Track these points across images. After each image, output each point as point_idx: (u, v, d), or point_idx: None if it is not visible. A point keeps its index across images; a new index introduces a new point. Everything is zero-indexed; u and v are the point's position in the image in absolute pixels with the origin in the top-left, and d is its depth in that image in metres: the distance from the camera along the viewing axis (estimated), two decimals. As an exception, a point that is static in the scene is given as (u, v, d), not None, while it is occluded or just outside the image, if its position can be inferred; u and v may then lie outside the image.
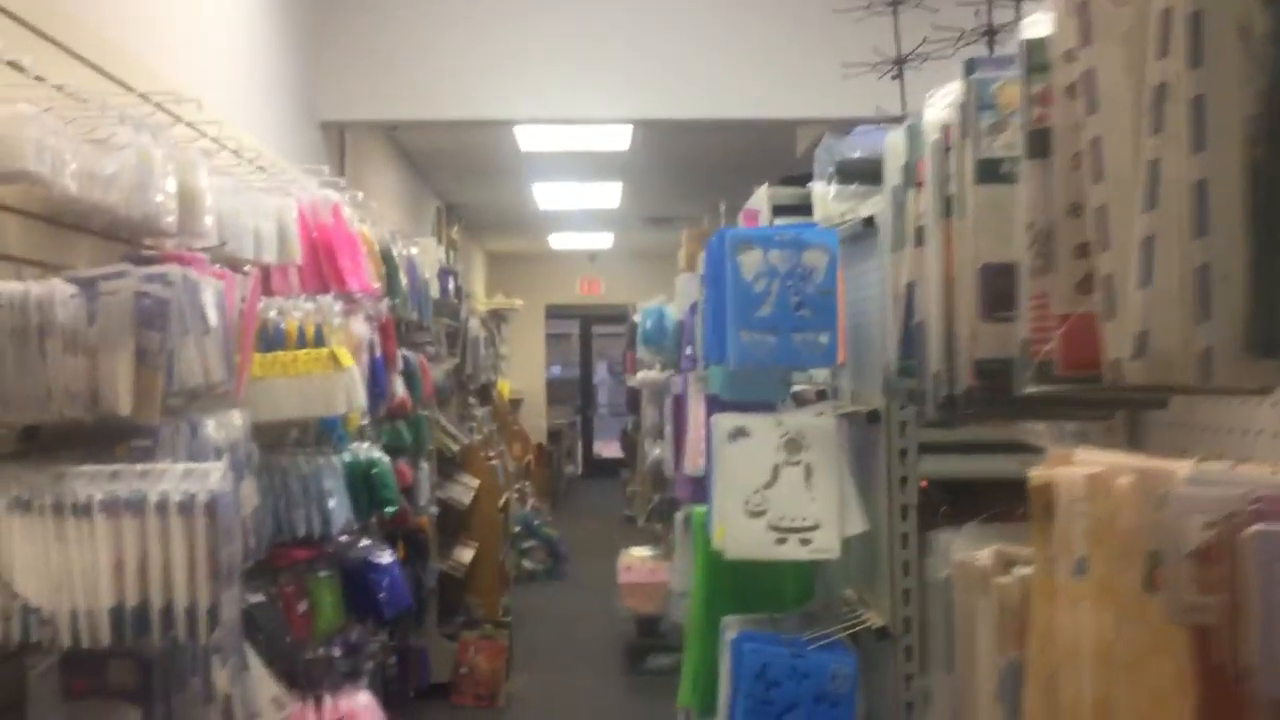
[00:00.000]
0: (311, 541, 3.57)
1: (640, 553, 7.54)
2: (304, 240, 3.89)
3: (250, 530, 2.60)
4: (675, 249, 13.37)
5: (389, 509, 3.87)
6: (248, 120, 3.99)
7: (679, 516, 5.09)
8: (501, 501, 8.24)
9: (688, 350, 4.75)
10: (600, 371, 19.19)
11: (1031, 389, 0.91)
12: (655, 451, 7.25)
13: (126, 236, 2.85)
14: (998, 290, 1.02)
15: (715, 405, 3.57)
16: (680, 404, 5.33)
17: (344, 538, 3.81)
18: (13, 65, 2.19)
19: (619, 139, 7.17)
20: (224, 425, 2.55)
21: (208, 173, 2.98)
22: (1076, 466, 0.92)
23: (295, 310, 3.51)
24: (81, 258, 2.60)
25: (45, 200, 2.32)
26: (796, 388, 3.28)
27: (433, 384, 6.45)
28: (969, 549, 1.15)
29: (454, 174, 8.56)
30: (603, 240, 13.39)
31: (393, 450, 5.71)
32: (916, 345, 1.27)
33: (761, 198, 4.85)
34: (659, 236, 12.51)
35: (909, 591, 2.59)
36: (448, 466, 7.26)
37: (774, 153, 6.46)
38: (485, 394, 10.67)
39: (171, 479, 2.10)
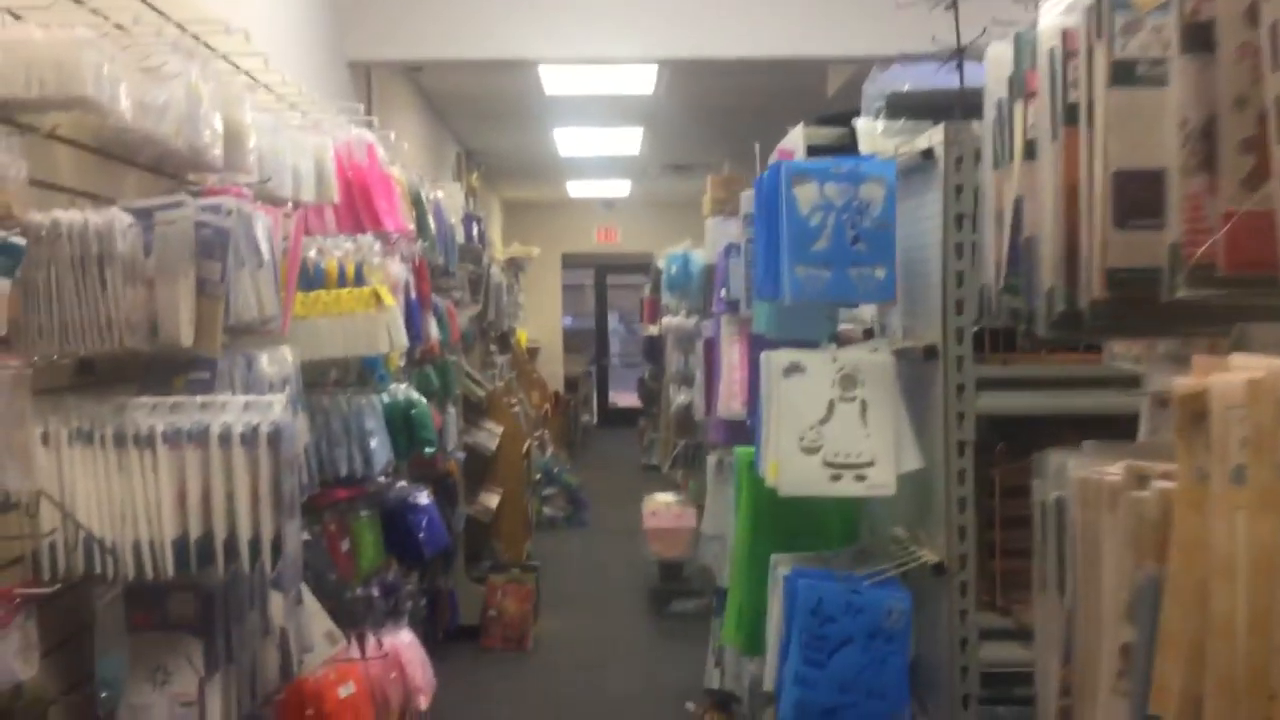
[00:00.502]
0: (353, 481, 3.57)
1: (665, 498, 7.55)
2: (340, 180, 3.85)
3: (305, 464, 2.59)
4: (695, 196, 13.28)
5: (428, 449, 3.86)
6: (280, 57, 3.92)
7: (711, 460, 5.08)
8: (525, 448, 8.25)
9: (721, 293, 4.71)
10: (613, 321, 19.14)
11: (1184, 293, 0.88)
12: (680, 398, 7.24)
13: (172, 170, 2.82)
14: (1134, 197, 0.99)
15: (760, 344, 3.54)
16: (712, 348, 5.30)
17: (383, 478, 3.81)
18: (63, -11, 2.15)
19: (644, 82, 7.08)
20: (276, 360, 2.53)
21: (250, 108, 2.94)
22: (1231, 373, 0.89)
23: (335, 249, 3.48)
24: (129, 191, 2.57)
25: (97, 130, 2.29)
26: (842, 325, 3.25)
27: (459, 329, 6.43)
28: (1089, 468, 1.13)
29: (475, 118, 8.48)
30: (620, 188, 13.29)
31: (421, 394, 5.72)
32: (1024, 262, 1.24)
33: (796, 138, 4.78)
34: (678, 184, 12.42)
35: (964, 528, 2.57)
36: (472, 412, 7.26)
37: (803, 94, 6.36)
38: (505, 342, 10.66)
39: (233, 410, 2.08)
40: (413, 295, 4.15)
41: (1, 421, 1.75)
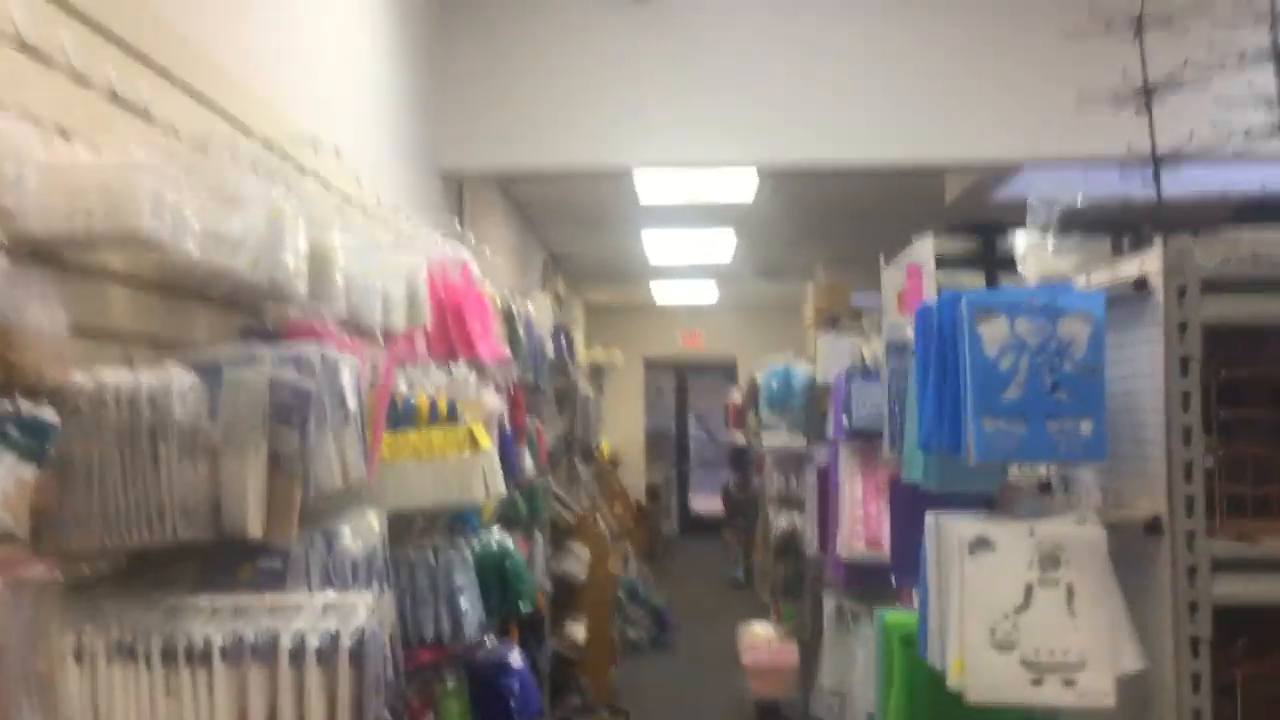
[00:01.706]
0: (439, 642, 3.14)
1: (763, 631, 7.00)
2: (432, 301, 3.51)
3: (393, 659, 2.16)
4: (783, 300, 12.93)
5: (524, 605, 3.42)
6: (368, 167, 3.62)
7: (829, 605, 4.57)
8: (612, 569, 7.78)
9: (843, 420, 4.26)
10: (691, 424, 18.68)
11: None
12: (782, 522, 6.74)
13: (248, 304, 2.47)
14: None
15: (913, 496, 3.07)
16: (827, 478, 4.83)
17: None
18: (120, 101, 1.82)
19: (743, 190, 6.74)
20: (361, 532, 2.12)
21: (338, 230, 2.60)
22: None
23: (426, 382, 3.11)
24: (199, 332, 2.22)
25: (159, 265, 1.94)
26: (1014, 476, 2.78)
27: (546, 449, 6.04)
28: None
29: (565, 224, 8.22)
30: (706, 291, 12.96)
31: (508, 523, 5.31)
32: None
33: (925, 250, 4.36)
34: (766, 288, 12.06)
35: (1202, 748, 2.05)
36: (559, 536, 6.82)
37: (915, 199, 5.97)
38: (587, 453, 10.26)
39: (309, 615, 1.67)
40: (507, 427, 3.76)
41: (16, 647, 1.36)
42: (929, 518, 2.41)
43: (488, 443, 2.97)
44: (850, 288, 6.82)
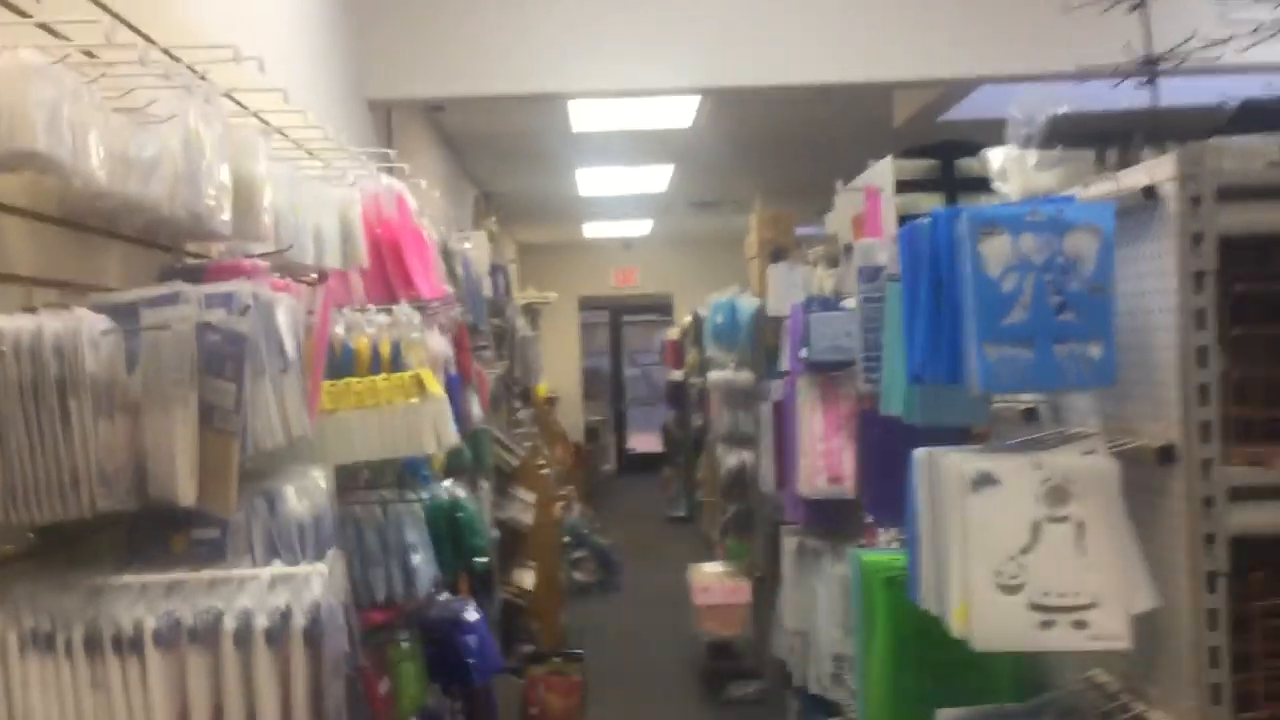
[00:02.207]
0: (391, 603, 2.94)
1: (713, 569, 6.90)
2: (368, 239, 3.26)
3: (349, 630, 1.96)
4: (720, 234, 12.74)
5: (479, 561, 3.23)
6: (294, 95, 3.33)
7: (790, 543, 4.45)
8: (557, 513, 7.62)
9: (801, 353, 4.09)
10: (626, 363, 18.53)
11: None
12: (731, 460, 6.60)
13: (167, 242, 2.21)
14: None
15: (886, 429, 2.92)
16: (783, 412, 4.69)
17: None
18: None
19: (682, 114, 6.50)
20: (306, 492, 1.90)
21: (265, 158, 2.34)
22: None
23: (367, 325, 2.87)
24: (110, 271, 1.96)
25: (60, 194, 1.68)
26: (996, 405, 2.64)
27: (488, 392, 5.82)
28: None
29: (496, 159, 7.90)
30: (640, 227, 12.71)
31: (452, 471, 5.09)
32: None
33: (883, 172, 4.19)
34: (702, 221, 11.85)
35: (1219, 687, 1.94)
36: (503, 482, 6.62)
37: (862, 124, 5.79)
38: (526, 394, 10.03)
39: (255, 591, 1.46)
40: (452, 371, 3.53)
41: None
42: (920, 454, 2.25)
43: (437, 389, 2.75)
44: (795, 218, 6.63)
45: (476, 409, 3.88)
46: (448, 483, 3.22)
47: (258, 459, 1.69)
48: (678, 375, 12.99)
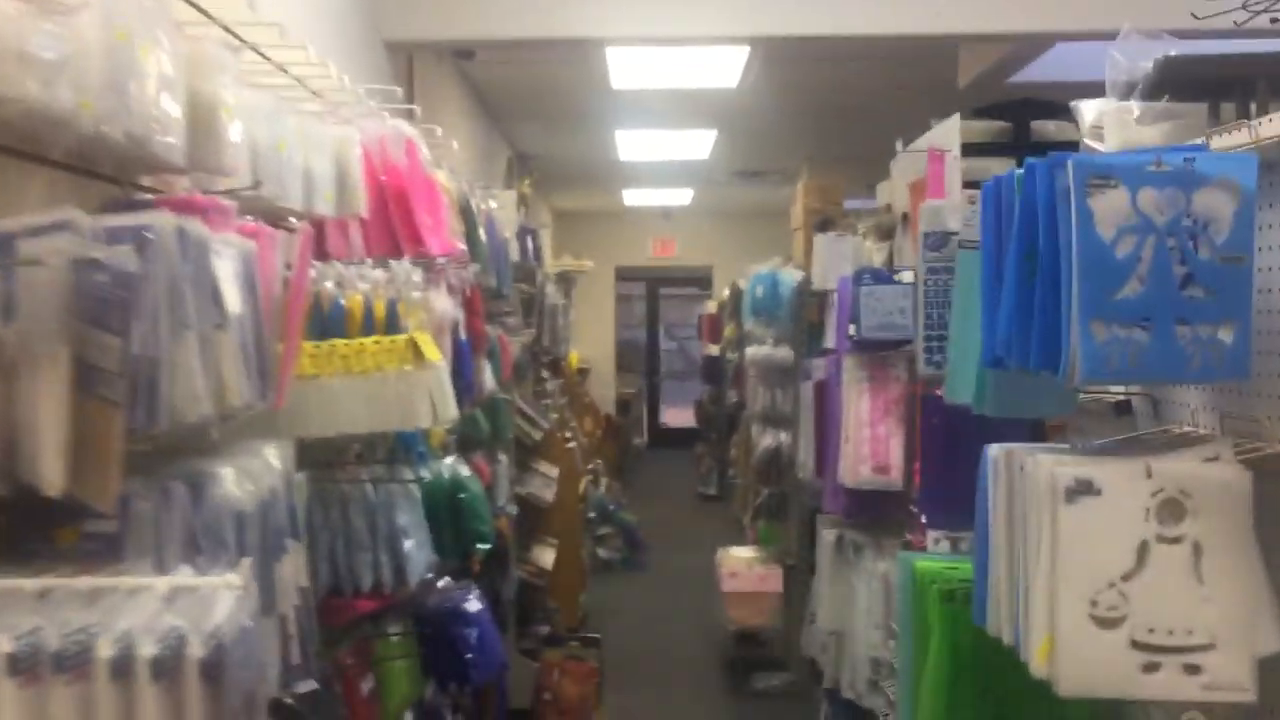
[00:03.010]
0: (379, 592, 2.62)
1: (742, 554, 6.55)
2: (370, 186, 2.92)
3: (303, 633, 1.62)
4: (761, 206, 12.32)
5: (481, 546, 2.89)
6: (297, 31, 2.98)
7: (828, 536, 4.09)
8: (581, 489, 7.30)
9: (850, 330, 3.72)
10: (660, 335, 18.16)
11: None
12: (766, 440, 6.24)
13: (112, 171, 1.87)
14: None
15: (951, 419, 2.55)
16: (826, 394, 4.32)
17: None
18: None
19: (728, 73, 6.09)
20: (251, 476, 1.56)
21: (234, 81, 1.99)
22: None
23: (360, 280, 2.53)
24: (28, 203, 1.63)
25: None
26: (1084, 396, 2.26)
27: (511, 361, 5.49)
28: None
29: (531, 118, 7.53)
30: (681, 196, 12.31)
31: (468, 443, 4.78)
32: None
33: (949, 133, 3.79)
34: (744, 192, 11.43)
35: (1364, 752, 1.57)
36: (525, 455, 6.30)
37: (922, 89, 5.37)
38: (556, 366, 9.71)
39: (146, 607, 1.12)
40: (462, 336, 3.19)
41: None
42: (996, 452, 1.89)
43: (436, 355, 2.41)
44: (844, 188, 6.24)
45: (489, 378, 3.54)
46: (450, 460, 2.89)
47: (179, 436, 1.35)
48: (714, 350, 12.63)
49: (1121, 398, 2.22)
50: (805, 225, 6.21)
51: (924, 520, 2.67)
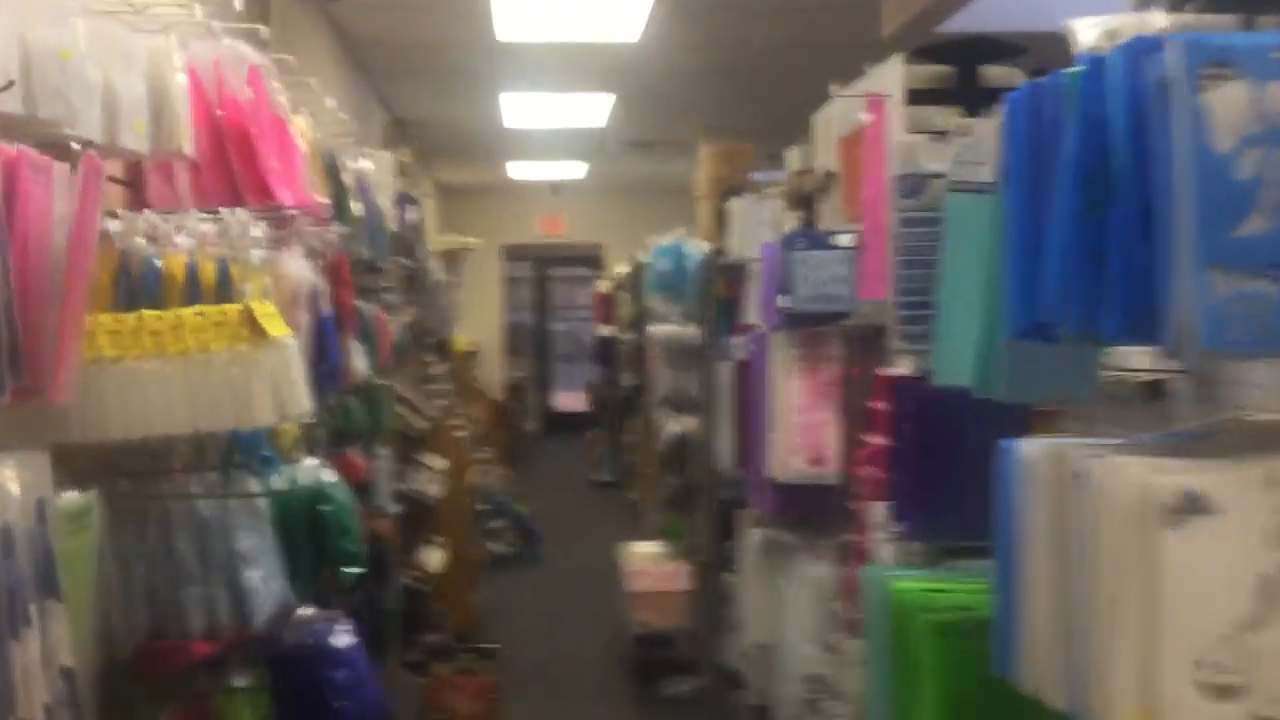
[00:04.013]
0: (217, 634, 2.05)
1: (648, 550, 6.07)
2: (201, 120, 2.33)
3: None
4: (655, 180, 11.83)
5: (350, 570, 2.33)
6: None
7: (755, 536, 3.62)
8: (471, 482, 6.73)
9: (779, 300, 3.24)
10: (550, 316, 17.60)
11: None
12: (672, 427, 5.76)
13: None
14: None
15: (939, 406, 2.09)
16: (747, 374, 3.85)
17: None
18: None
19: (630, 26, 5.56)
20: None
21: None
22: None
23: (180, 234, 1.95)
24: None
25: None
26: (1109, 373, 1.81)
27: (390, 343, 4.89)
28: None
29: (407, 77, 6.88)
30: (572, 170, 11.75)
31: (341, 436, 4.18)
32: None
33: (892, 76, 3.35)
34: (637, 166, 10.93)
35: None
36: (409, 447, 5.71)
37: (839, 49, 4.93)
38: (443, 348, 9.08)
39: None
40: (325, 310, 2.61)
41: None
42: (1029, 452, 1.42)
43: (282, 330, 1.84)
44: (753, 153, 5.78)
45: (362, 362, 2.97)
46: (310, 463, 2.32)
47: None
48: (607, 331, 12.13)
49: (1153, 377, 1.78)
50: (711, 194, 5.74)
51: (899, 530, 2.20)
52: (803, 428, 3.28)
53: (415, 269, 6.53)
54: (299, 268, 2.35)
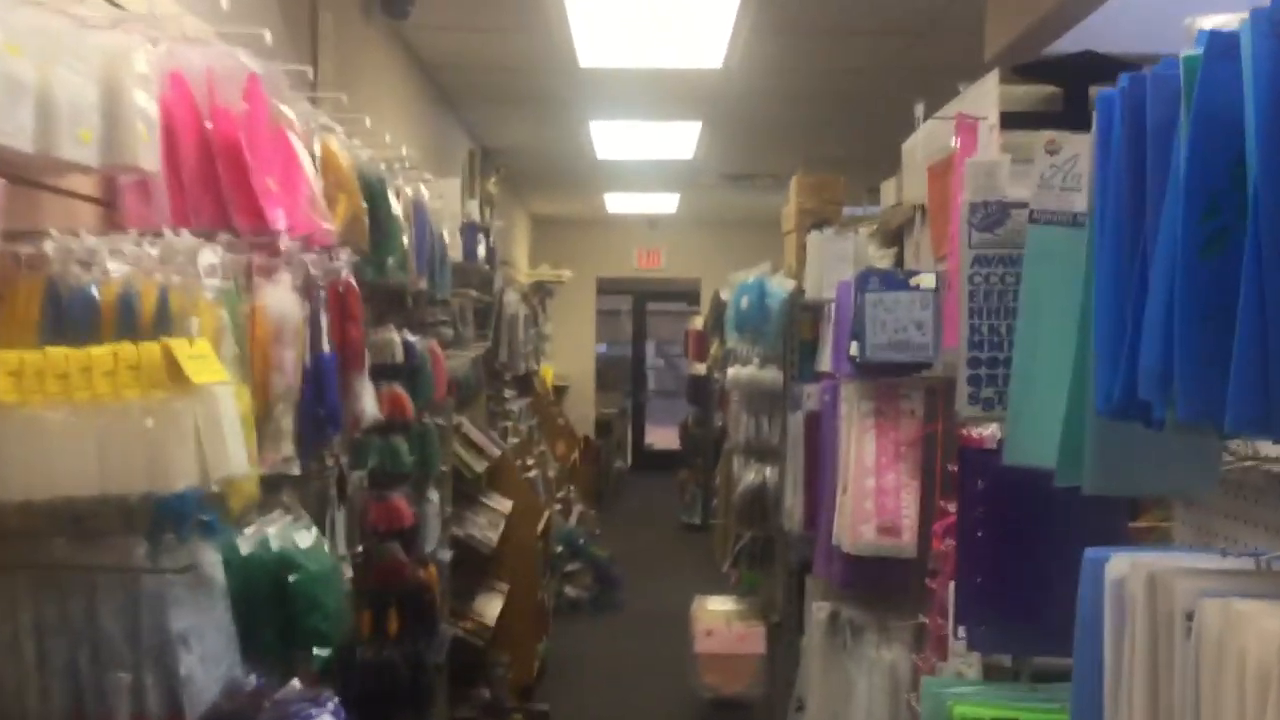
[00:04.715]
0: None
1: (720, 607, 5.67)
2: (188, 133, 2.08)
3: None
4: (753, 213, 11.47)
5: (320, 652, 2.01)
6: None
7: (819, 611, 3.22)
8: (541, 525, 6.43)
9: (850, 349, 2.87)
10: (648, 352, 17.31)
11: None
12: (750, 476, 5.37)
13: None
14: None
15: (1013, 486, 1.71)
16: (819, 429, 3.47)
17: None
18: None
19: (711, 51, 5.26)
20: None
21: None
22: None
23: (113, 258, 1.68)
24: None
25: None
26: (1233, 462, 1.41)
27: (448, 378, 4.63)
28: None
29: (490, 101, 6.68)
30: (667, 202, 11.47)
31: (386, 479, 3.91)
32: None
33: (986, 96, 2.96)
34: (734, 197, 10.60)
35: None
36: (469, 487, 5.43)
37: (937, 71, 4.54)
38: (525, 383, 8.84)
39: None
40: (324, 347, 2.33)
41: None
42: (1121, 567, 1.04)
43: (212, 374, 1.55)
44: (844, 186, 5.40)
45: (370, 403, 2.68)
46: (280, 523, 2.02)
47: None
48: (700, 368, 11.78)
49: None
50: (798, 229, 5.36)
51: (960, 636, 1.81)
52: (875, 492, 2.89)
53: (490, 302, 6.30)
54: (282, 299, 2.07)
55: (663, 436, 16.04)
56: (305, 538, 2.03)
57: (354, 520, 3.32)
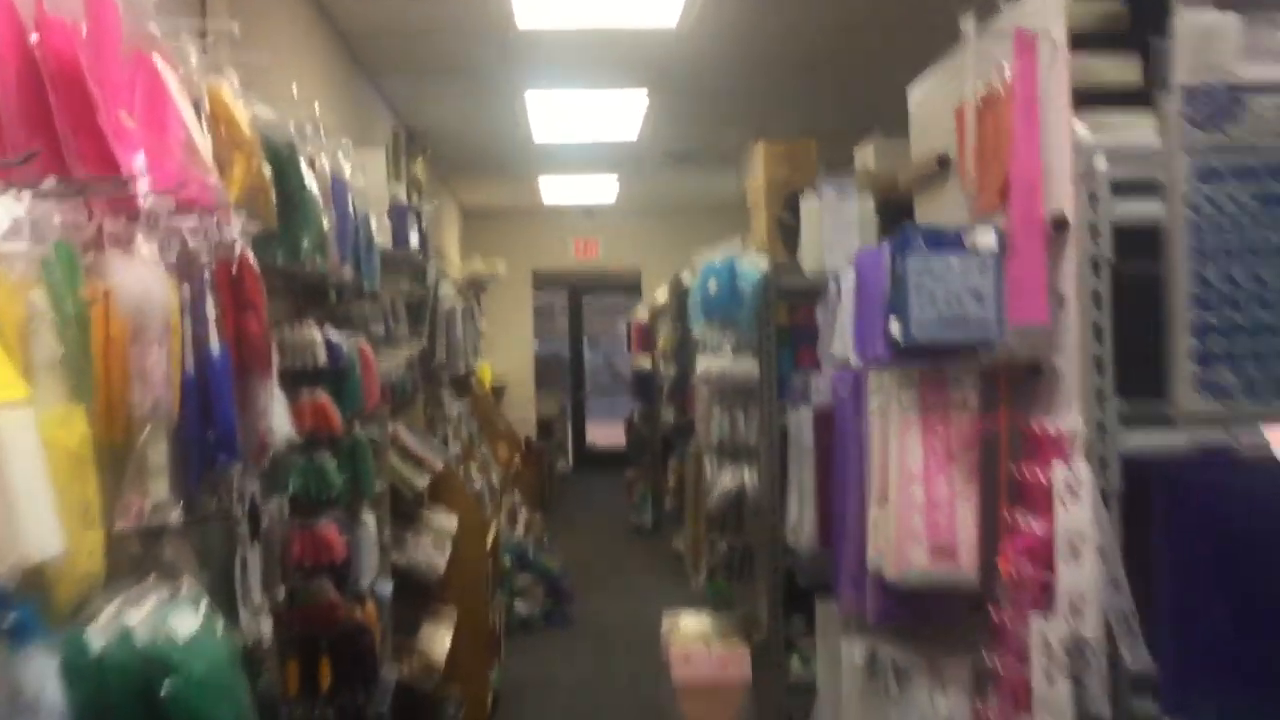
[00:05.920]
0: None
1: (695, 627, 5.08)
2: (4, 52, 1.45)
3: None
4: (698, 198, 10.92)
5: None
6: None
7: (855, 651, 2.65)
8: (490, 538, 5.80)
9: (890, 327, 2.30)
10: (585, 347, 16.72)
11: None
12: (725, 480, 4.79)
13: None
14: None
15: (1262, 508, 1.15)
16: (831, 426, 2.90)
17: None
18: None
19: (666, 9, 4.66)
20: None
21: None
22: None
23: None
24: None
25: None
26: None
27: (381, 382, 3.99)
28: None
29: (414, 73, 6.00)
30: (605, 191, 10.87)
31: (312, 505, 3.29)
32: None
33: (1047, 13, 2.41)
34: (678, 180, 10.02)
35: None
36: (409, 506, 4.79)
37: (917, 31, 4.04)
38: (464, 385, 8.19)
39: None
40: (214, 346, 1.69)
41: None
42: None
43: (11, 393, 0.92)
44: (817, 152, 4.85)
45: (283, 420, 2.05)
46: (150, 602, 1.39)
47: None
48: (646, 363, 11.21)
49: None
50: (769, 203, 4.80)
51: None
52: (926, 505, 2.33)
53: (424, 295, 5.66)
54: (143, 279, 1.43)
55: (604, 435, 15.47)
56: (187, 621, 1.40)
57: (272, 559, 2.68)
